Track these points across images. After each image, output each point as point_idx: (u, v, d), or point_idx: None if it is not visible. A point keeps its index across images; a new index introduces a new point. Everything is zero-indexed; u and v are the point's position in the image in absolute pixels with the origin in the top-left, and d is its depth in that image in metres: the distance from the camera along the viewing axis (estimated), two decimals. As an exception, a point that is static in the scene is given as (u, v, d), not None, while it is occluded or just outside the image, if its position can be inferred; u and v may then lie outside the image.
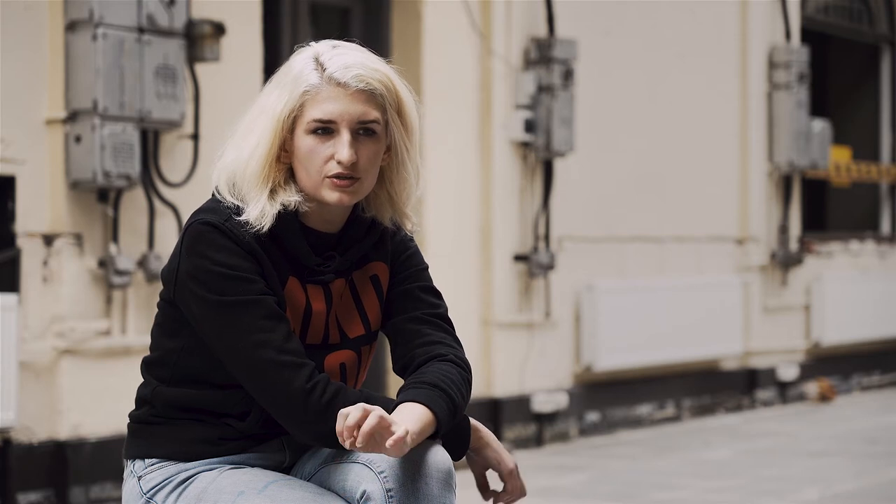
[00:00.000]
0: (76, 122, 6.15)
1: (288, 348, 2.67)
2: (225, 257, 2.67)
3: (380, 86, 2.73)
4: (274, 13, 7.34)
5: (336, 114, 2.70)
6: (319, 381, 2.66)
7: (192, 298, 2.69)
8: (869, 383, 11.80)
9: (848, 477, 7.33)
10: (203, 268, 2.67)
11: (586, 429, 8.93)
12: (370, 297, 2.85)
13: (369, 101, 2.72)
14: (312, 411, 2.64)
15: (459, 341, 2.83)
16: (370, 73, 2.72)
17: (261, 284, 2.69)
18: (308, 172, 2.72)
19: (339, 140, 2.70)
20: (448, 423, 2.67)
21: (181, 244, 2.72)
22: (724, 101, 10.22)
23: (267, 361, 2.65)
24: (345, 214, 2.80)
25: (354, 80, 2.70)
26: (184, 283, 2.70)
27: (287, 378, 2.65)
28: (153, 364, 2.83)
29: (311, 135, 2.71)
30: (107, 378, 6.28)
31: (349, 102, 2.71)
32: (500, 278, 8.31)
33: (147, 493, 2.79)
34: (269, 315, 2.67)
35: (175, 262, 2.73)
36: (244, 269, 2.68)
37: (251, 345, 2.66)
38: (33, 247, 6.13)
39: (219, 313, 2.67)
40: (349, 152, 2.69)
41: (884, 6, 12.31)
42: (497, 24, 8.29)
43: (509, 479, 2.82)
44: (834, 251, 11.38)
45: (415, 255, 2.90)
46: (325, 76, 2.71)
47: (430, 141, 7.83)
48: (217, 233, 2.68)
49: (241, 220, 2.69)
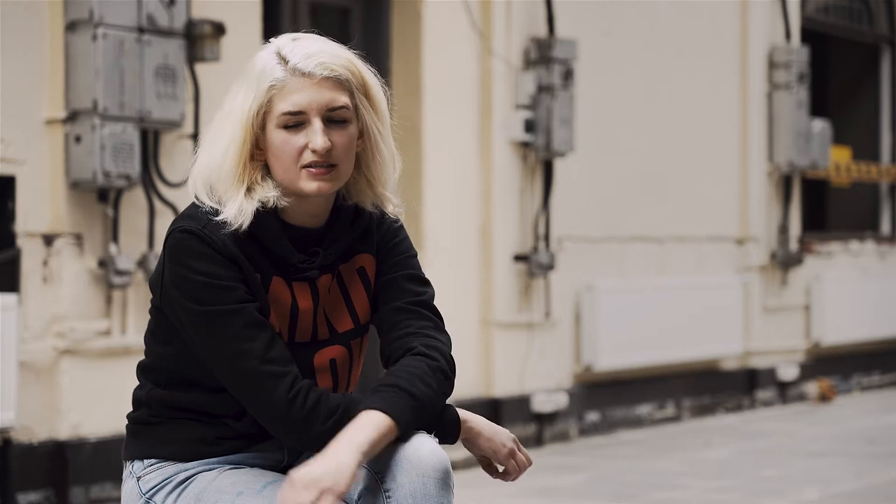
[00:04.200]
0: (76, 122, 6.15)
1: (270, 357, 2.66)
2: (204, 266, 2.67)
3: (345, 71, 2.72)
4: (274, 13, 7.35)
5: (304, 104, 2.70)
6: (301, 390, 2.66)
7: (177, 306, 2.70)
8: (869, 383, 11.80)
9: (848, 477, 7.33)
10: (183, 277, 2.67)
11: (586, 429, 8.93)
12: (358, 291, 2.84)
13: (336, 88, 2.72)
14: (295, 420, 2.65)
15: (441, 327, 2.81)
16: (333, 60, 2.72)
17: (242, 291, 2.68)
18: (284, 166, 2.72)
19: (311, 129, 2.70)
20: (410, 419, 2.64)
21: (163, 253, 2.72)
22: (724, 101, 10.22)
23: (249, 372, 2.65)
24: (327, 206, 2.80)
25: (319, 67, 2.70)
26: (168, 291, 2.70)
27: (269, 388, 2.65)
28: (147, 369, 2.84)
29: (283, 129, 2.71)
30: (107, 378, 6.28)
31: (316, 91, 2.70)
32: (500, 278, 8.31)
33: (146, 493, 2.79)
34: (250, 324, 2.67)
35: (160, 270, 2.73)
36: (224, 276, 2.67)
37: (233, 354, 2.66)
38: (33, 247, 6.13)
39: (201, 323, 2.67)
40: (323, 139, 2.69)
41: (884, 6, 12.31)
42: (497, 24, 8.29)
43: (507, 462, 2.81)
44: (834, 251, 11.37)
45: (401, 242, 2.88)
46: (290, 68, 2.70)
47: (430, 141, 7.83)
48: (195, 240, 2.68)
49: (220, 223, 2.68)
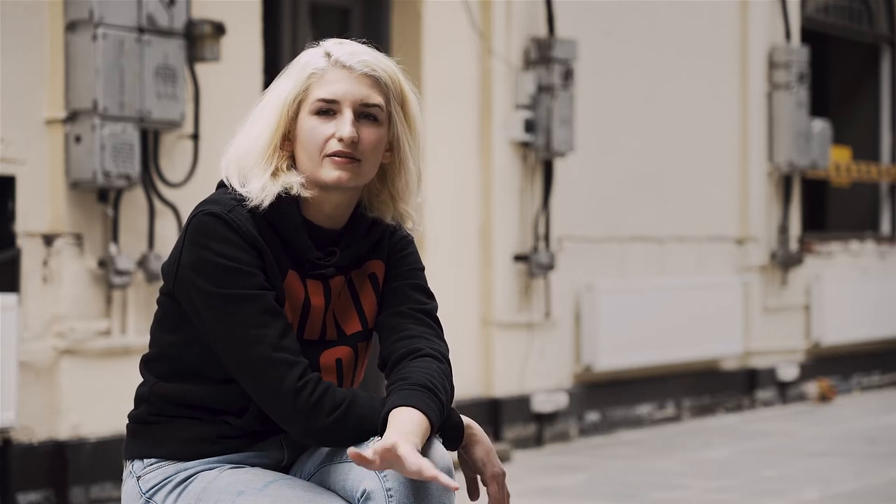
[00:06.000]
0: (76, 122, 6.15)
1: (283, 345, 2.67)
2: (227, 249, 2.68)
3: (385, 75, 2.76)
4: (274, 13, 7.35)
5: (339, 94, 2.73)
6: (310, 380, 2.67)
7: (192, 289, 2.70)
8: (869, 383, 11.80)
9: (848, 477, 7.33)
10: (205, 258, 2.68)
11: (586, 429, 8.93)
12: (368, 296, 2.86)
13: (373, 86, 2.75)
14: (301, 409, 2.65)
15: (442, 336, 2.83)
16: (376, 62, 2.77)
17: (261, 278, 2.70)
18: (308, 153, 2.74)
19: (341, 119, 2.73)
20: (439, 422, 2.68)
21: (184, 235, 2.73)
22: (724, 101, 10.22)
23: (261, 357, 2.66)
24: (347, 210, 2.81)
25: (360, 64, 2.74)
26: (185, 273, 2.70)
27: (279, 375, 2.66)
28: (151, 361, 2.84)
29: (314, 115, 2.74)
30: (107, 378, 6.28)
31: (353, 84, 2.74)
32: (500, 278, 8.31)
33: (146, 493, 2.79)
34: (267, 311, 2.68)
35: (177, 253, 2.74)
36: (245, 261, 2.69)
37: (246, 340, 2.67)
38: (33, 247, 6.13)
39: (217, 306, 2.68)
40: (350, 129, 2.72)
41: (884, 6, 12.31)
42: (497, 24, 8.29)
43: (491, 483, 2.78)
44: (834, 251, 11.37)
45: (411, 254, 2.90)
46: (332, 60, 2.75)
47: (430, 141, 7.82)
48: (220, 223, 2.69)
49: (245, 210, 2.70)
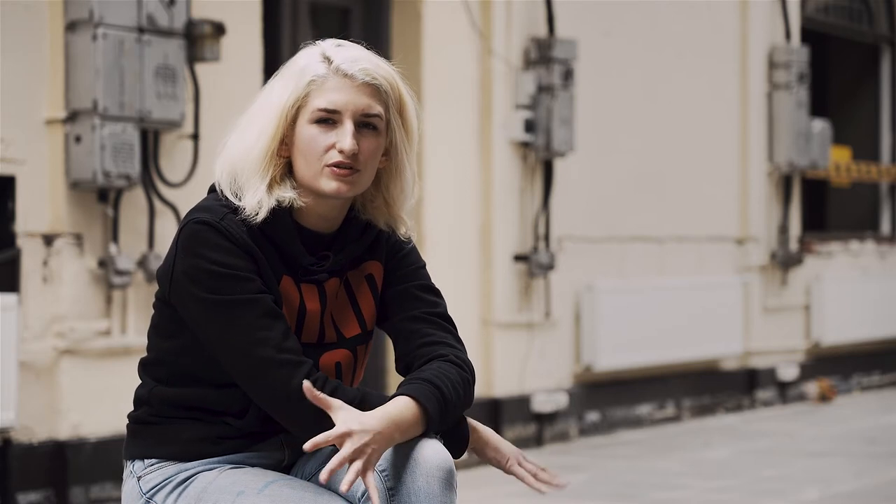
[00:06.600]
0: (76, 122, 6.15)
1: (286, 346, 2.67)
2: (221, 256, 2.67)
3: (385, 83, 2.74)
4: (274, 13, 7.34)
5: (341, 104, 2.71)
6: (318, 379, 2.66)
7: (188, 298, 2.68)
8: (869, 383, 11.80)
9: (848, 477, 7.33)
10: (199, 267, 2.67)
11: (586, 429, 8.93)
12: (365, 297, 2.85)
13: (374, 96, 2.73)
14: (311, 409, 2.63)
15: (461, 340, 2.83)
16: (377, 70, 2.74)
17: (258, 283, 2.68)
18: (307, 162, 2.72)
19: (341, 130, 2.71)
20: (438, 416, 2.66)
21: (176, 243, 2.71)
22: (724, 101, 10.22)
23: (265, 359, 2.65)
24: (340, 214, 2.80)
25: (361, 73, 2.72)
26: (180, 282, 2.69)
27: (285, 376, 2.65)
28: (150, 365, 2.83)
29: (314, 124, 2.71)
30: (107, 378, 6.28)
31: (355, 94, 2.71)
32: (500, 278, 8.31)
33: (147, 493, 2.78)
34: (267, 313, 2.67)
35: (170, 262, 2.72)
36: (240, 267, 2.67)
37: (250, 343, 2.65)
38: (33, 247, 6.12)
39: (216, 313, 2.66)
40: (352, 142, 2.70)
41: (884, 6, 12.31)
42: (497, 24, 8.28)
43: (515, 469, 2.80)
44: (834, 251, 11.37)
45: (410, 253, 2.89)
46: (333, 67, 2.72)
47: (430, 141, 7.82)
48: (213, 231, 2.68)
49: (237, 217, 2.69)
